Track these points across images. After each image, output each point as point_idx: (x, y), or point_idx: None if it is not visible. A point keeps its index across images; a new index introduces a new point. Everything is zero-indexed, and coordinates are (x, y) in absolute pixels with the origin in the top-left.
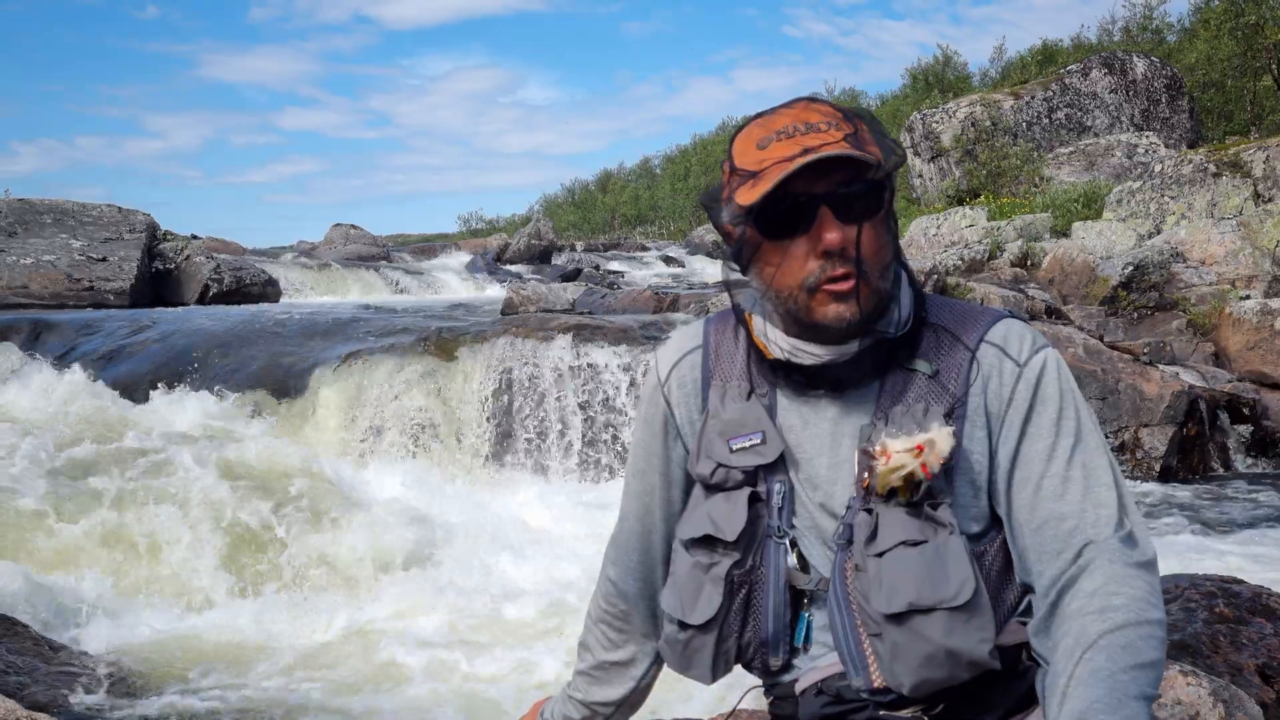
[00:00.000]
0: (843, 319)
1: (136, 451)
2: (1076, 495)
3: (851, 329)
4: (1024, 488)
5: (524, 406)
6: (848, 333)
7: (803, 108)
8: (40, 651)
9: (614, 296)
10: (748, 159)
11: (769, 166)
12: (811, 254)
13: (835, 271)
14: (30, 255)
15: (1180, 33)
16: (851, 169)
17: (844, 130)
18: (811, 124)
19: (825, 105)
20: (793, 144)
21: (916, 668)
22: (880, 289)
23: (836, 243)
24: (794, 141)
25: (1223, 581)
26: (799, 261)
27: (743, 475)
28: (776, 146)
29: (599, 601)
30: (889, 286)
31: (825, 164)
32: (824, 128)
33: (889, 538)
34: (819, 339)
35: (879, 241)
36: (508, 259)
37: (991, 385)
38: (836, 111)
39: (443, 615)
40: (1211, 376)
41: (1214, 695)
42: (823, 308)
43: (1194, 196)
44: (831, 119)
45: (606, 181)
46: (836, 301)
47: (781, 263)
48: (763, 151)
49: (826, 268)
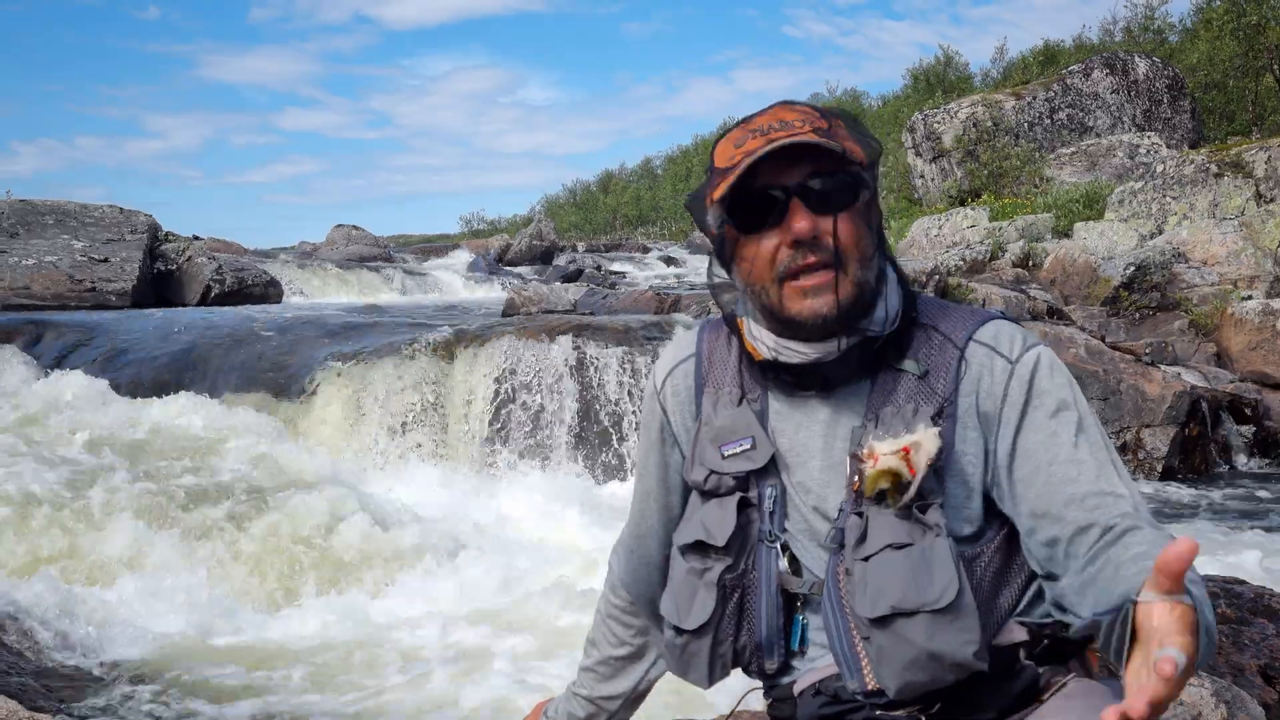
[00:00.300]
0: (818, 314)
1: (139, 454)
2: (1090, 477)
3: (830, 324)
4: (1033, 480)
5: (526, 407)
6: (826, 328)
7: (781, 108)
8: (43, 654)
9: (615, 297)
10: (723, 158)
11: (739, 160)
12: (783, 244)
13: (807, 260)
14: (32, 256)
15: (1182, 33)
16: (822, 161)
17: (816, 125)
18: (786, 121)
19: (804, 106)
20: (764, 139)
21: (900, 670)
22: (859, 281)
23: (806, 231)
24: (765, 137)
25: (1225, 582)
26: (771, 252)
27: (734, 481)
28: (749, 143)
29: (607, 598)
30: (870, 280)
31: (795, 155)
32: (798, 124)
33: (876, 541)
34: (798, 335)
35: (855, 233)
36: (509, 260)
37: (983, 384)
38: (813, 110)
39: (444, 615)
40: (1213, 377)
41: (1216, 696)
42: (798, 303)
43: (1196, 197)
44: (806, 117)
45: (608, 182)
46: (812, 296)
47: (755, 255)
48: (737, 149)
49: (797, 256)
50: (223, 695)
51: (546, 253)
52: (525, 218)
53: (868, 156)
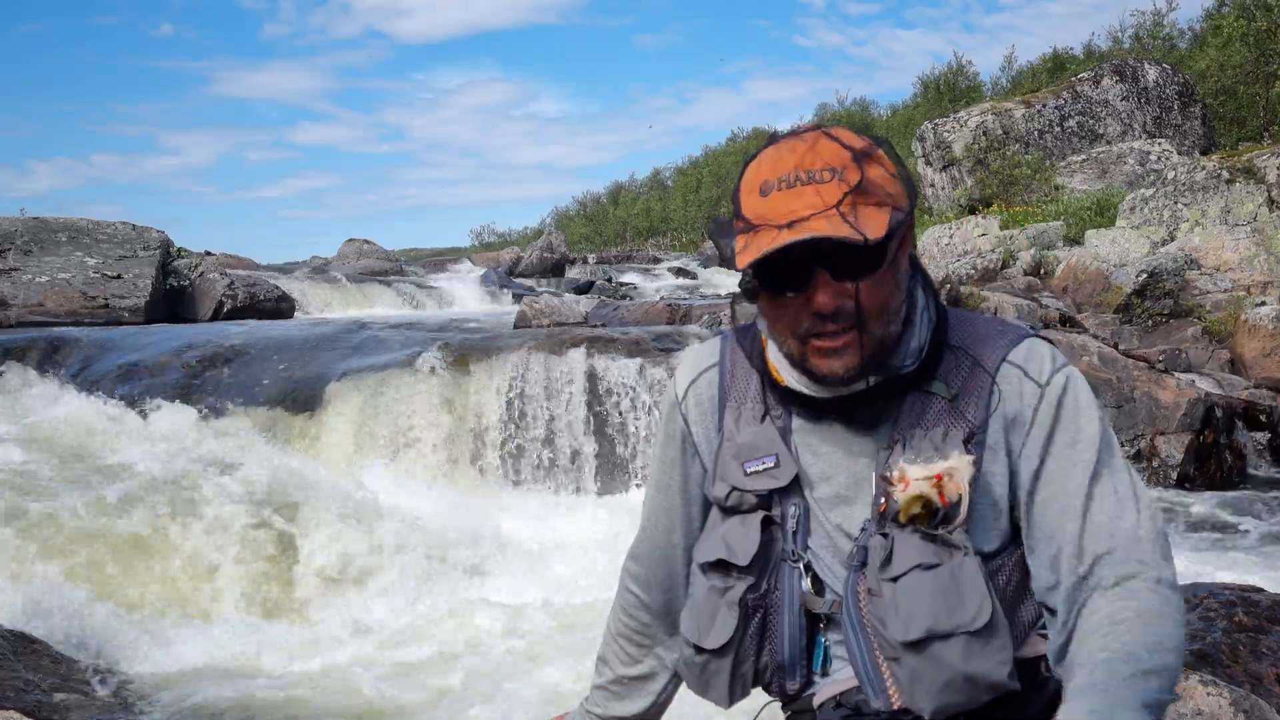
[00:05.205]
0: (837, 373)
1: (153, 469)
2: (1098, 514)
3: (852, 378)
4: (1047, 508)
5: (538, 419)
6: (848, 381)
7: (812, 143)
8: (57, 669)
9: (627, 308)
10: (750, 204)
11: (762, 228)
12: (805, 312)
13: (827, 327)
14: (46, 273)
15: (1191, 40)
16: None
17: (844, 186)
18: (813, 173)
19: (836, 144)
20: (790, 198)
21: (936, 693)
22: (882, 337)
23: (828, 307)
24: (793, 194)
25: (1241, 590)
26: (794, 315)
27: (757, 499)
28: (776, 197)
29: (619, 615)
30: (895, 330)
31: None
32: (826, 178)
33: (904, 561)
34: (821, 385)
35: (880, 294)
36: (520, 272)
37: (1012, 407)
38: (846, 152)
39: (458, 629)
40: (1227, 383)
41: (1234, 705)
42: (818, 360)
43: (1207, 203)
44: (837, 166)
45: (618, 194)
46: (833, 357)
47: (779, 314)
48: (764, 201)
49: (818, 323)
50: (240, 712)
51: (558, 265)
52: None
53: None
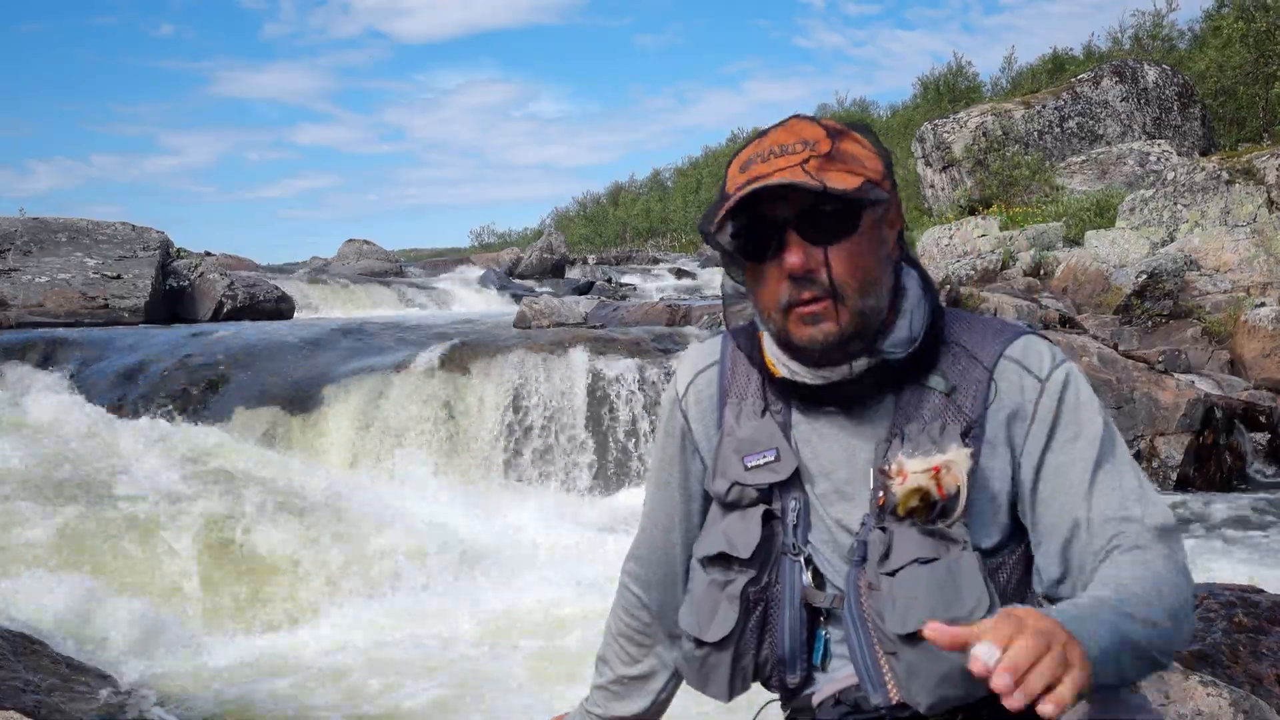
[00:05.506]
0: (816, 341)
1: (152, 469)
2: (1104, 505)
3: (830, 350)
4: (1052, 502)
5: (538, 419)
6: (828, 354)
7: (789, 127)
8: (58, 671)
9: (626, 309)
10: (732, 181)
11: (737, 189)
12: (782, 277)
13: (803, 294)
14: (45, 274)
15: (1191, 40)
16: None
17: (816, 152)
18: (786, 146)
19: (814, 124)
20: (765, 167)
21: (933, 687)
22: (861, 310)
23: (798, 266)
24: (766, 165)
25: (1241, 591)
26: (773, 283)
27: (757, 493)
28: (751, 169)
29: (619, 615)
30: (877, 305)
31: (787, 187)
32: (797, 149)
33: (902, 555)
34: (804, 361)
35: (854, 261)
36: (520, 273)
37: (1011, 401)
38: (821, 129)
39: (458, 629)
40: (1227, 384)
41: (1234, 706)
42: (798, 329)
43: (1207, 204)
44: (809, 139)
45: (617, 194)
46: (810, 324)
47: (762, 285)
48: (742, 175)
49: (795, 290)
50: (240, 713)
51: (557, 266)
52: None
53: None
